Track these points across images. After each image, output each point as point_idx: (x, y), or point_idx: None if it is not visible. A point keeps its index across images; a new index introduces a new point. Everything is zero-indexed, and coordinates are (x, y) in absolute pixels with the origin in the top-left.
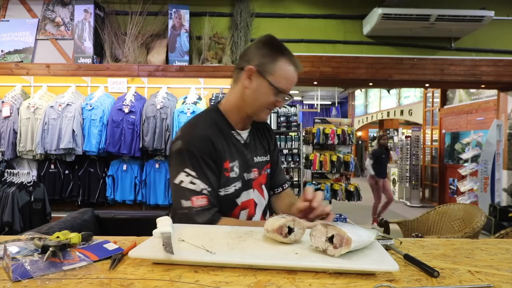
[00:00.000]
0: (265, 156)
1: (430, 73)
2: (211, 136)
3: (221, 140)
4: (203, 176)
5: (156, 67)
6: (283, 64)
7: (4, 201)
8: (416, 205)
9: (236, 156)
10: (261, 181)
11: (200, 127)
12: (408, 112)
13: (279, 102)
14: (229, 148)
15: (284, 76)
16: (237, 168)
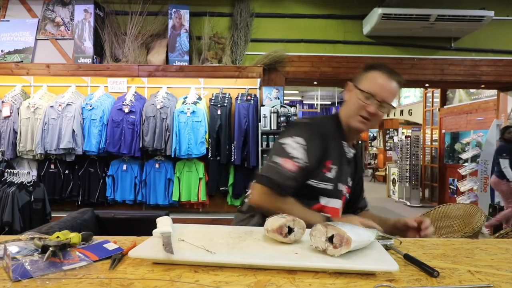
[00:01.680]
0: (352, 179)
1: (430, 73)
2: (329, 134)
3: (334, 143)
4: (307, 151)
5: (156, 67)
6: (373, 73)
7: (4, 201)
8: (416, 205)
9: (338, 163)
10: (344, 201)
11: (324, 123)
12: (408, 112)
13: (368, 106)
14: (337, 153)
15: (372, 81)
16: (335, 172)
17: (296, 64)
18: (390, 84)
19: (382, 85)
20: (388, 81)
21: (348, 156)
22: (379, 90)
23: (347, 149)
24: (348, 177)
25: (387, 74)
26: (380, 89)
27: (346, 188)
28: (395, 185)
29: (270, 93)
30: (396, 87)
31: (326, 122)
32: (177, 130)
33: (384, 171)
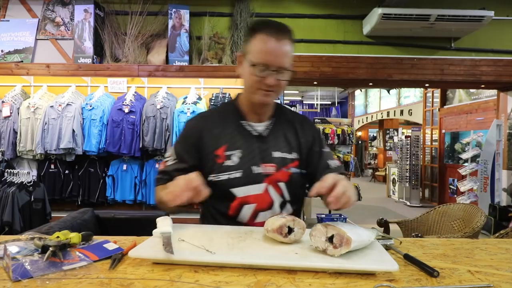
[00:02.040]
0: (289, 152)
1: (430, 73)
2: (203, 122)
3: (222, 128)
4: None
5: (156, 67)
6: (257, 39)
7: (4, 201)
8: (416, 205)
9: (240, 145)
10: (279, 178)
11: (200, 116)
12: (408, 112)
13: (265, 78)
14: (232, 137)
15: (260, 49)
16: (237, 157)
17: (296, 64)
18: (281, 46)
19: (272, 51)
20: (278, 44)
21: (255, 134)
22: (270, 58)
23: (250, 128)
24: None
25: (274, 34)
26: (272, 56)
27: (272, 166)
28: (395, 185)
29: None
30: (289, 46)
31: (215, 110)
32: (177, 130)
33: (384, 171)
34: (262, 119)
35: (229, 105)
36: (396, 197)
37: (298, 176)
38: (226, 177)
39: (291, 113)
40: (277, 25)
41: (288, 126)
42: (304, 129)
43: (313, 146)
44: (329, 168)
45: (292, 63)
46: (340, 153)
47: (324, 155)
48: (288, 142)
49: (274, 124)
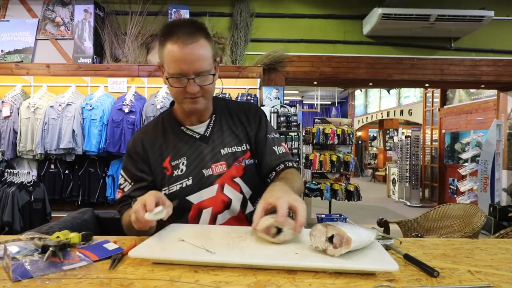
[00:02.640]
0: (238, 145)
1: (430, 73)
2: (144, 137)
3: (164, 139)
4: (128, 173)
5: (156, 67)
6: (166, 49)
7: (4, 201)
8: (416, 205)
9: (184, 152)
10: (233, 174)
11: (140, 131)
12: (408, 112)
13: (186, 87)
14: (174, 145)
15: (170, 58)
16: (183, 165)
17: (296, 64)
18: (193, 50)
19: (182, 58)
20: (188, 48)
21: (198, 136)
22: (184, 67)
23: (191, 132)
24: (220, 151)
25: (182, 39)
26: (184, 64)
27: (222, 164)
28: (395, 185)
29: (270, 93)
30: (203, 46)
31: (153, 122)
32: None
33: (384, 171)
34: (201, 119)
35: (165, 114)
36: (396, 197)
37: (253, 167)
38: (178, 187)
39: (234, 104)
40: (184, 27)
41: (233, 118)
42: (249, 117)
43: (258, 133)
44: (275, 154)
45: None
46: (340, 153)
47: (270, 141)
48: (235, 135)
49: (215, 121)
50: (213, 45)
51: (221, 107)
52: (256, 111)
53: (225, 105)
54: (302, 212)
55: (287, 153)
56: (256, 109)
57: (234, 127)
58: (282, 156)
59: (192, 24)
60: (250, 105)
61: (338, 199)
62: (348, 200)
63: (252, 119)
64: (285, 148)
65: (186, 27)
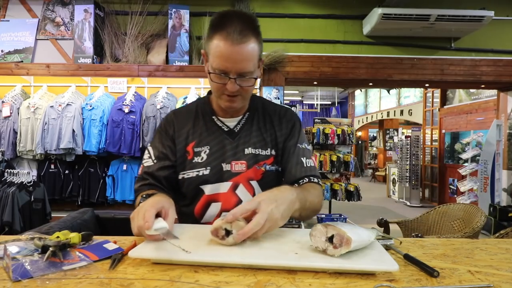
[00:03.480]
0: (263, 149)
1: (430, 73)
2: (176, 118)
3: (193, 124)
4: (154, 149)
5: (156, 67)
6: (215, 42)
7: (4, 201)
8: (416, 205)
9: (208, 142)
10: (250, 176)
11: (174, 111)
12: (408, 112)
13: (225, 85)
14: (201, 133)
15: (217, 53)
16: (205, 154)
17: (296, 64)
18: (241, 50)
19: (228, 56)
20: (237, 48)
21: (226, 129)
22: (229, 65)
23: (221, 123)
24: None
25: (232, 36)
26: (230, 62)
27: (242, 163)
28: (395, 185)
29: (270, 93)
30: (251, 47)
31: (187, 106)
32: None
33: (384, 171)
34: (234, 114)
35: (201, 101)
36: (396, 197)
37: (273, 173)
38: (195, 174)
39: (271, 106)
40: (236, 23)
41: (265, 120)
42: (282, 122)
43: (287, 140)
44: (302, 165)
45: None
46: (340, 153)
47: (299, 151)
48: (262, 138)
49: (247, 119)
50: (262, 44)
51: (257, 106)
52: (291, 118)
53: (262, 105)
54: (255, 222)
55: (315, 168)
56: (292, 116)
57: (263, 129)
58: (309, 169)
59: (245, 20)
60: (287, 110)
61: (338, 199)
62: (348, 200)
63: (285, 124)
64: (314, 162)
65: (238, 23)
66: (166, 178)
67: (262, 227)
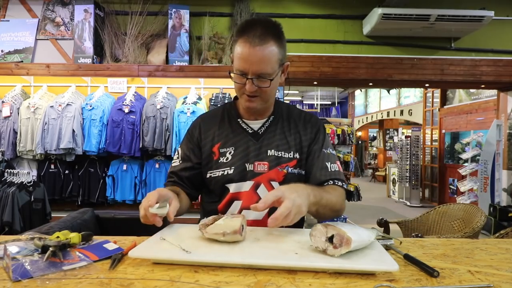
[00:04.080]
0: (286, 152)
1: (430, 73)
2: (203, 121)
3: (219, 126)
4: (181, 150)
5: (156, 67)
6: (238, 44)
7: (4, 201)
8: (416, 205)
9: (233, 143)
10: (272, 177)
11: (201, 116)
12: (408, 112)
13: (243, 85)
14: (226, 134)
15: (237, 55)
16: (230, 154)
17: (296, 64)
18: (258, 52)
19: (248, 57)
20: (255, 50)
21: (251, 131)
22: (246, 66)
23: (245, 125)
24: (266, 150)
25: (252, 39)
26: (247, 63)
27: (265, 164)
28: (395, 185)
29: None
30: (271, 50)
31: (214, 110)
32: (177, 130)
33: (384, 171)
34: (259, 117)
35: (227, 104)
36: (396, 197)
37: (295, 176)
38: (220, 174)
39: (297, 112)
40: (257, 28)
41: (289, 124)
42: (307, 127)
43: (312, 144)
44: (326, 169)
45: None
46: (340, 153)
47: (324, 156)
48: (286, 141)
49: (272, 122)
50: (284, 49)
51: (282, 111)
52: (316, 123)
53: (287, 110)
54: (283, 207)
55: (340, 172)
56: (317, 121)
57: (288, 133)
58: (333, 173)
59: (266, 26)
60: (312, 116)
61: None
62: (348, 200)
63: (310, 129)
64: (339, 166)
65: (259, 28)
66: (188, 178)
67: (290, 212)
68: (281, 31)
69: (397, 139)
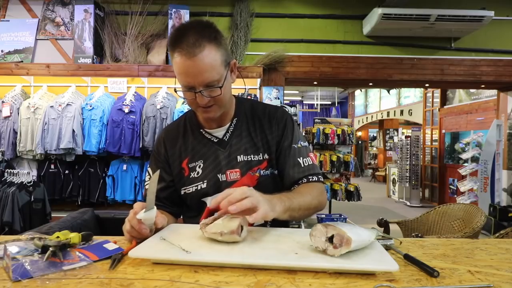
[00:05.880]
0: (255, 154)
1: (430, 73)
2: (166, 138)
3: (184, 140)
4: (151, 171)
5: (156, 67)
6: (174, 59)
7: (4, 201)
8: (416, 205)
9: (201, 156)
10: (246, 183)
11: (164, 130)
12: (408, 112)
13: (194, 100)
14: (192, 148)
15: (176, 70)
16: (200, 168)
17: (296, 64)
18: (198, 61)
19: (186, 71)
20: (194, 60)
21: (216, 140)
22: (189, 79)
23: (209, 135)
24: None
25: (189, 49)
26: (189, 77)
27: (236, 171)
28: (395, 185)
29: (270, 93)
30: (209, 56)
31: (176, 122)
32: None
33: (384, 171)
34: (221, 124)
35: (189, 113)
36: (396, 197)
37: (268, 178)
38: (194, 189)
39: (260, 108)
40: (189, 35)
41: (254, 124)
42: (272, 124)
43: (281, 142)
44: (299, 166)
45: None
46: (340, 153)
47: (294, 151)
48: (253, 143)
49: (235, 126)
50: (224, 48)
51: (245, 110)
52: (282, 118)
53: (250, 108)
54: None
55: (314, 165)
56: (283, 115)
57: (253, 134)
58: (307, 169)
59: (198, 29)
60: (277, 110)
61: (338, 199)
62: (348, 200)
63: (276, 126)
64: (312, 159)
65: (191, 35)
66: (167, 198)
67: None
68: (216, 30)
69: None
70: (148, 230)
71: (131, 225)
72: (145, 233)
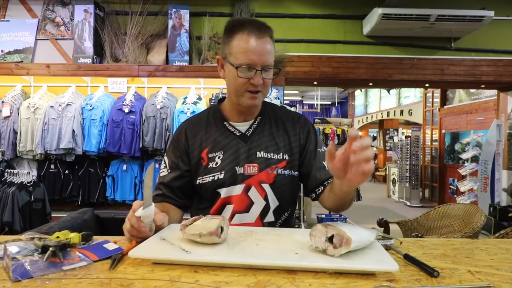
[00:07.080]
0: (275, 153)
1: (430, 73)
2: (188, 127)
3: (206, 130)
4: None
5: (156, 67)
6: (237, 39)
7: (4, 201)
8: (416, 205)
9: (222, 147)
10: (262, 179)
11: (186, 121)
12: (408, 112)
13: (252, 79)
14: (214, 138)
15: (241, 49)
16: (219, 159)
17: (296, 64)
18: (264, 44)
19: (255, 49)
20: (260, 41)
21: (238, 134)
22: (254, 58)
23: (233, 128)
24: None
25: (255, 32)
26: (255, 55)
27: (254, 166)
28: (395, 185)
29: (270, 93)
30: (271, 44)
31: (200, 114)
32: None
33: (384, 171)
34: (247, 118)
35: (212, 108)
36: (396, 197)
37: (286, 177)
38: (210, 179)
39: (283, 112)
40: (256, 23)
41: (277, 125)
42: (296, 127)
43: (306, 145)
44: (324, 169)
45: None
46: None
47: (320, 156)
48: (275, 142)
49: (259, 123)
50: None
51: (269, 111)
52: (306, 123)
53: (274, 110)
54: None
55: None
56: (306, 121)
57: (276, 134)
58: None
59: (259, 22)
60: (300, 116)
61: None
62: None
63: (300, 130)
64: None
65: (254, 23)
66: (180, 188)
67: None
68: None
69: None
70: (147, 229)
71: (131, 223)
72: (144, 231)
